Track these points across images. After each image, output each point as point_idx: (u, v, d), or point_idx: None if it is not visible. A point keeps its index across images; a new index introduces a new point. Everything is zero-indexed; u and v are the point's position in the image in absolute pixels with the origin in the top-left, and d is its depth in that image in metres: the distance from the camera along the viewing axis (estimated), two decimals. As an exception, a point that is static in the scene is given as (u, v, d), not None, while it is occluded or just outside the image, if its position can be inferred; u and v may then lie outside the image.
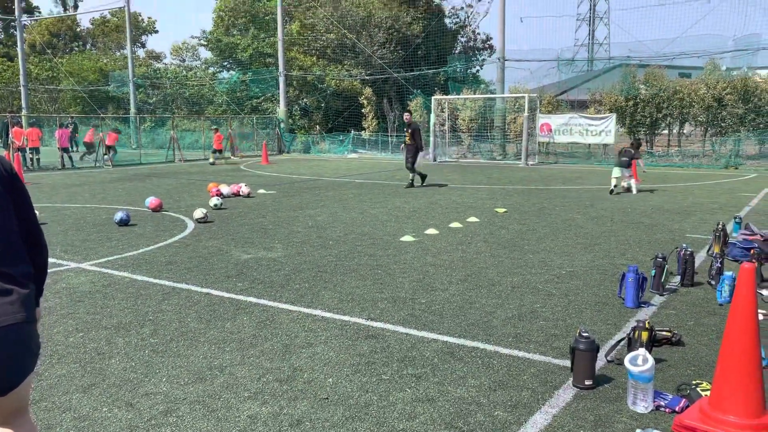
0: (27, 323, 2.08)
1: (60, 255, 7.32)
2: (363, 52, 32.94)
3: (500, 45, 26.19)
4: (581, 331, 3.78)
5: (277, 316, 5.05)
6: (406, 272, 6.49)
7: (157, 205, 10.88)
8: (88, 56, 45.99)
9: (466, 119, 27.16)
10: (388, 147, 29.34)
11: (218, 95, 36.91)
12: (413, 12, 34.23)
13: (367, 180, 16.97)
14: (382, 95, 32.72)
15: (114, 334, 4.65)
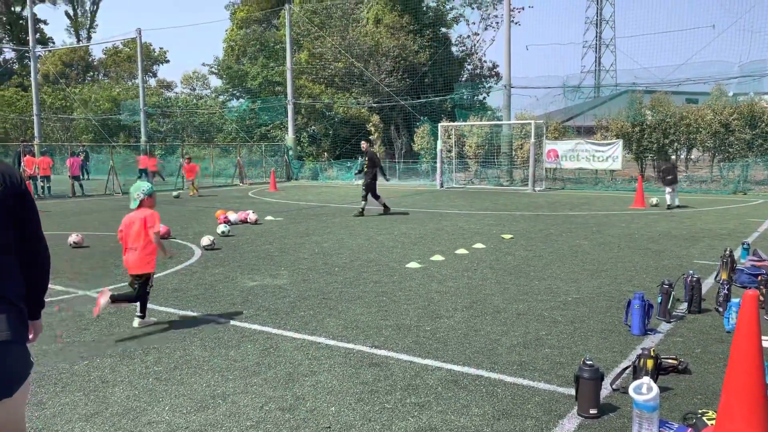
0: (13, 342, 2.08)
1: (67, 283, 7.36)
2: (370, 80, 33.31)
3: (506, 72, 26.42)
4: (585, 360, 3.75)
5: (281, 344, 5.04)
6: (411, 299, 6.49)
7: (165, 232, 10.94)
8: (101, 85, 46.74)
9: (473, 145, 27.28)
10: (396, 173, 29.47)
11: (228, 123, 37.34)
12: (420, 41, 34.66)
13: (373, 206, 17.03)
14: (390, 122, 32.97)
15: (119, 361, 4.66)
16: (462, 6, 40.55)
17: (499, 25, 39.52)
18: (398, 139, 32.53)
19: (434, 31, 36.41)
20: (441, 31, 37.78)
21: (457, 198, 19.64)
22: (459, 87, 33.43)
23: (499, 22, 39.55)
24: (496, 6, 39.77)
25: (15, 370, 2.10)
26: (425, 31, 35.38)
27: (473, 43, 41.34)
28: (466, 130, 27.57)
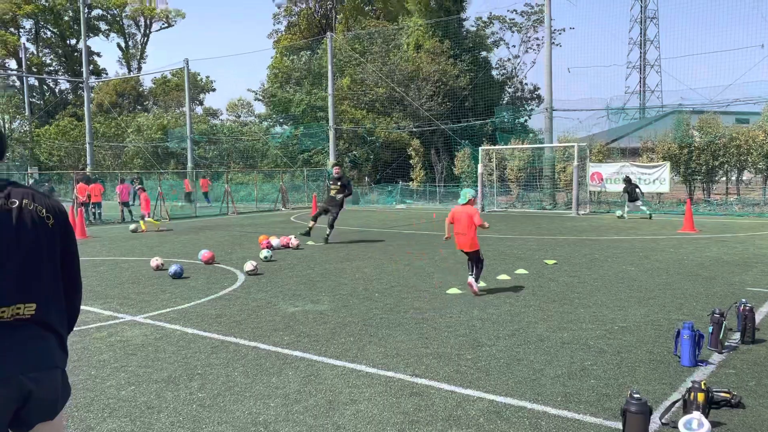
0: (56, 368, 2.21)
1: (116, 308, 7.57)
2: (411, 104, 33.58)
3: (548, 95, 26.26)
4: (633, 392, 3.64)
5: (322, 371, 5.06)
6: (452, 326, 6.43)
7: (210, 257, 11.17)
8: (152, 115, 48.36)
9: (515, 169, 27.10)
10: (436, 197, 29.46)
11: (271, 149, 38.07)
12: (460, 65, 34.84)
13: (414, 231, 17.02)
14: (430, 146, 33.07)
15: (164, 387, 4.75)
16: (502, 30, 40.69)
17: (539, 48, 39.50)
18: (438, 163, 32.57)
19: (474, 55, 36.58)
20: (481, 55, 37.90)
21: (499, 222, 19.47)
22: (500, 110, 33.39)
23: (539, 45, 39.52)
24: (536, 28, 39.77)
25: (58, 394, 2.22)
26: (465, 56, 35.57)
27: (514, 66, 41.34)
28: (508, 154, 27.42)
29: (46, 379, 2.17)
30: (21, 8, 52.82)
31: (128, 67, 60.89)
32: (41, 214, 2.22)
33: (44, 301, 2.19)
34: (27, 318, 2.14)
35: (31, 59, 52.66)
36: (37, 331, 2.17)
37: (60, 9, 54.94)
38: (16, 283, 2.12)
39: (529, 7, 39.00)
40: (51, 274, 2.24)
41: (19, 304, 2.12)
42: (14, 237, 2.13)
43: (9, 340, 2.09)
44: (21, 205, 2.17)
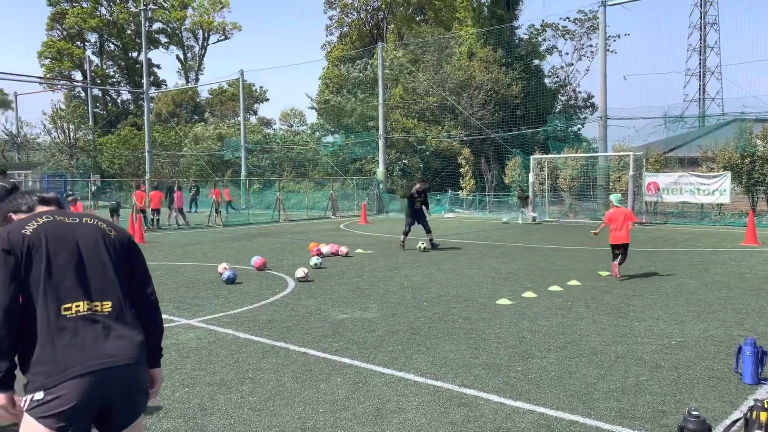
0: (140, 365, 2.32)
1: (172, 311, 7.79)
2: (462, 113, 33.45)
3: (602, 103, 25.71)
4: (691, 410, 3.51)
5: (370, 379, 5.07)
6: (502, 337, 6.35)
7: (262, 264, 11.37)
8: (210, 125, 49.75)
9: (567, 178, 26.59)
10: (486, 206, 29.19)
11: (322, 158, 38.56)
12: (512, 73, 34.51)
13: (463, 240, 16.89)
14: (480, 155, 32.84)
15: (216, 390, 4.85)
16: (555, 37, 40.13)
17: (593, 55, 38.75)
18: (489, 172, 32.29)
19: (526, 63, 36.17)
20: (533, 63, 37.46)
21: (550, 232, 19.12)
22: (552, 119, 32.88)
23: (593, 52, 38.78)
24: (590, 35, 39.05)
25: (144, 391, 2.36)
26: (517, 64, 35.22)
27: (567, 74, 40.66)
28: (560, 162, 26.95)
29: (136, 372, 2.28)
30: (86, 22, 55.32)
31: (186, 78, 62.90)
32: (101, 226, 2.46)
33: (118, 300, 2.33)
34: (106, 314, 2.28)
35: (95, 71, 55.05)
36: (118, 325, 2.29)
37: (123, 23, 57.28)
38: (87, 282, 2.29)
39: (582, 14, 38.33)
40: (120, 277, 2.40)
41: (96, 301, 2.28)
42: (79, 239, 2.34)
43: (94, 333, 2.22)
44: (81, 220, 2.43)
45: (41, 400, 2.10)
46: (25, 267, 2.22)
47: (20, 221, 2.34)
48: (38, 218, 2.34)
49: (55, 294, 2.22)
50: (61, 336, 2.17)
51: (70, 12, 55.42)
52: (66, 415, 2.10)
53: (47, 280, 2.22)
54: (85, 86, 52.46)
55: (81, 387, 2.11)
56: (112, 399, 2.21)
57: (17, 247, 2.22)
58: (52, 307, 2.20)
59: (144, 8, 39.74)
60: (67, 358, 2.14)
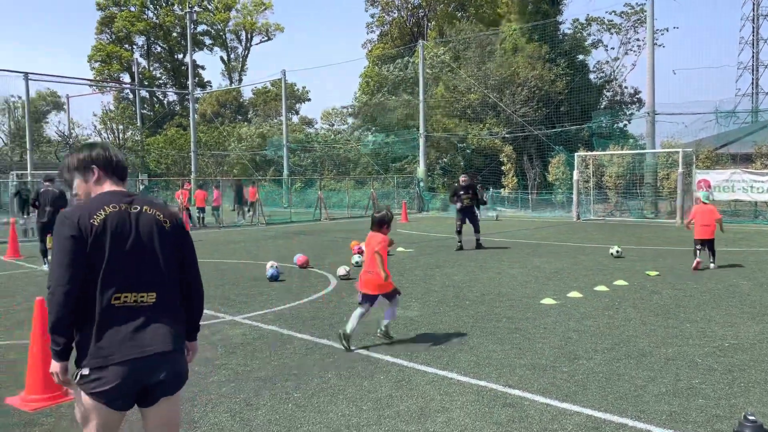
0: (180, 351, 2.61)
1: (217, 308, 7.94)
2: (504, 110, 33.08)
3: (649, 98, 25.05)
4: (747, 414, 3.39)
5: (413, 377, 5.06)
6: (547, 337, 6.25)
7: (304, 261, 11.48)
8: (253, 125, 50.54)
9: (613, 175, 26.01)
10: (528, 205, 28.81)
11: (363, 157, 38.69)
12: (556, 69, 33.95)
13: (505, 238, 16.71)
14: (523, 153, 32.42)
15: (261, 386, 4.92)
16: (600, 31, 39.29)
17: (640, 49, 37.79)
18: (531, 170, 31.86)
19: (570, 58, 35.53)
20: (578, 58, 36.77)
21: (596, 231, 18.74)
22: (597, 115, 32.21)
23: (640, 46, 37.83)
24: (637, 29, 38.10)
25: (182, 372, 2.62)
26: (561, 59, 34.62)
27: (613, 69, 39.79)
28: (606, 160, 26.38)
29: (174, 360, 2.55)
30: (134, 25, 56.83)
31: (230, 79, 63.97)
32: (159, 217, 2.62)
33: (163, 292, 2.56)
34: (149, 305, 2.51)
35: (142, 73, 56.56)
36: (158, 317, 2.52)
37: (169, 26, 58.62)
38: (139, 274, 2.50)
39: (629, 7, 37.38)
40: (169, 268, 2.60)
41: (143, 292, 2.49)
42: (137, 233, 2.52)
43: (134, 324, 2.45)
44: (142, 210, 2.58)
45: (87, 376, 2.41)
46: (89, 254, 2.42)
47: (89, 206, 2.51)
48: (106, 206, 2.50)
49: (110, 283, 2.43)
50: (108, 324, 2.42)
51: (118, 16, 56.99)
52: (108, 394, 2.41)
53: (105, 269, 2.43)
54: (133, 88, 53.94)
55: (120, 372, 2.40)
56: (150, 382, 2.49)
57: (85, 234, 2.42)
58: (105, 296, 2.42)
59: (189, 11, 40.61)
60: (110, 346, 2.40)
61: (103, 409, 2.44)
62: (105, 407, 2.44)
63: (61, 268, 2.39)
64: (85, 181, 2.65)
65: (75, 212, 2.47)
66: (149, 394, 2.53)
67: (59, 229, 2.44)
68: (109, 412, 2.46)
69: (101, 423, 2.47)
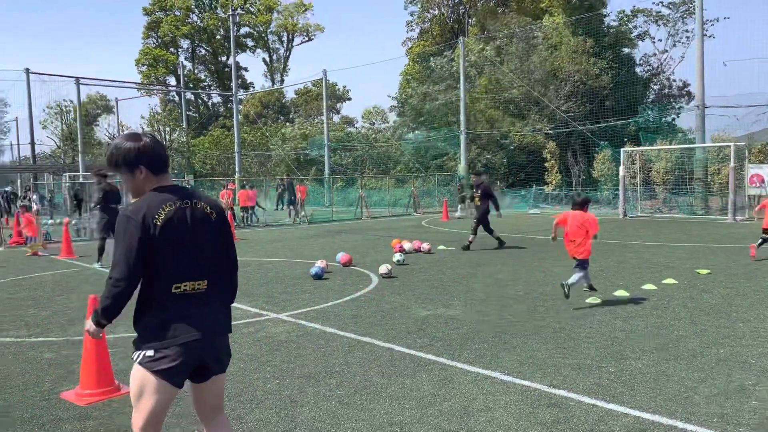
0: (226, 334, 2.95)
1: (262, 306, 8.07)
2: (548, 106, 32.56)
3: (699, 91, 24.28)
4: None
5: (456, 376, 5.05)
6: (592, 337, 6.14)
7: (347, 260, 11.55)
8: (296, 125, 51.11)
9: (661, 171, 25.34)
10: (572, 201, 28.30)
11: (404, 154, 38.68)
12: (601, 63, 33.24)
13: (549, 236, 16.46)
14: (567, 148, 31.86)
15: (305, 383, 4.99)
16: (646, 23, 38.30)
17: (689, 40, 36.69)
18: (576, 166, 31.29)
19: (616, 51, 34.73)
20: (623, 51, 35.92)
21: (643, 228, 18.29)
22: (644, 109, 31.40)
23: (689, 37, 36.72)
24: (685, 20, 36.98)
25: (228, 353, 2.96)
26: (606, 53, 33.88)
27: (660, 62, 38.75)
28: (653, 155, 25.73)
29: (222, 341, 2.89)
30: (179, 29, 58.15)
31: (272, 80, 64.85)
32: (207, 210, 2.86)
33: (213, 279, 2.85)
34: (202, 291, 2.80)
35: (188, 76, 57.80)
36: (210, 301, 2.83)
37: (212, 29, 59.77)
38: (194, 264, 2.77)
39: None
40: (217, 255, 2.89)
41: (198, 281, 2.78)
42: (191, 228, 2.77)
43: (192, 309, 2.75)
44: (193, 204, 2.83)
45: (152, 356, 2.68)
46: (150, 251, 2.67)
47: (150, 205, 2.71)
48: (164, 205, 2.73)
49: (170, 275, 2.71)
50: (169, 309, 2.71)
51: (164, 20, 58.41)
52: (171, 372, 2.69)
53: (166, 263, 2.70)
54: (178, 90, 55.20)
55: (182, 352, 2.69)
56: (206, 360, 2.80)
57: (148, 233, 2.66)
58: (166, 285, 2.71)
59: (232, 13, 41.34)
60: (172, 329, 2.69)
61: (164, 385, 2.71)
62: (167, 384, 2.71)
63: (125, 263, 2.64)
64: (132, 177, 2.81)
65: (138, 211, 2.68)
66: (204, 371, 2.83)
67: (124, 227, 2.67)
68: (169, 389, 2.73)
69: (160, 400, 2.72)
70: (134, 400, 2.78)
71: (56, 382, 5.14)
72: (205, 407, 2.95)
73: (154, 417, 2.76)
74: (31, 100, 33.64)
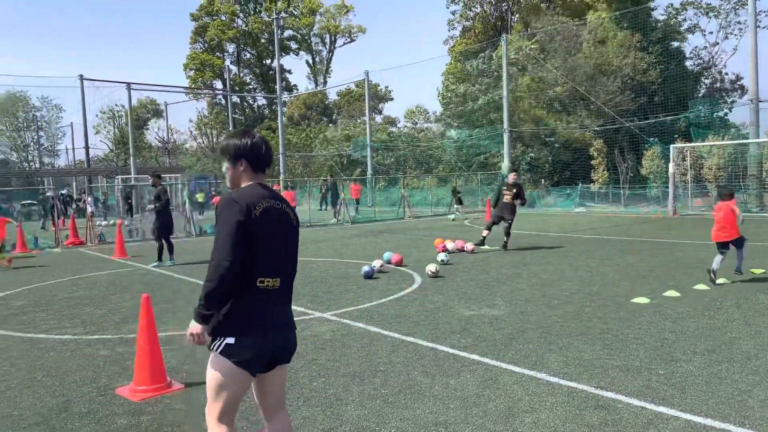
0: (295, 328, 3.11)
1: (307, 305, 8.18)
2: (594, 102, 31.93)
3: (753, 85, 23.41)
4: None
5: (500, 377, 5.01)
6: (641, 338, 6.00)
7: (398, 260, 11.56)
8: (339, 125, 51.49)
9: (713, 167, 24.55)
10: (620, 200, 27.69)
11: (446, 153, 38.53)
12: (649, 57, 32.39)
13: (596, 235, 16.15)
14: (614, 145, 31.17)
15: (350, 381, 5.04)
16: (696, 15, 37.14)
17: (742, 32, 35.40)
18: (623, 163, 30.59)
19: (665, 45, 33.79)
20: (672, 45, 34.91)
21: (694, 226, 17.76)
22: (694, 104, 30.49)
23: (742, 29, 35.45)
24: (737, 12, 35.72)
25: (295, 346, 3.11)
26: (654, 47, 32.99)
27: (711, 55, 37.52)
28: (705, 151, 24.94)
29: (292, 336, 3.05)
30: (225, 33, 59.35)
31: (315, 82, 65.52)
32: (290, 215, 3.05)
33: (284, 278, 2.98)
34: (277, 288, 2.92)
35: (233, 79, 58.90)
36: (282, 299, 2.98)
37: (257, 32, 60.76)
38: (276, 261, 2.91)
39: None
40: (291, 257, 3.04)
41: (276, 278, 2.92)
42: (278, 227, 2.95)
43: (271, 304, 2.90)
44: (281, 206, 3.00)
45: (233, 345, 2.80)
46: (248, 239, 2.78)
47: (251, 197, 2.86)
48: (262, 200, 2.88)
49: (258, 268, 2.83)
50: (253, 301, 2.83)
51: (210, 25, 59.70)
52: (250, 361, 2.83)
53: (257, 255, 2.82)
54: (225, 94, 56.34)
55: (261, 343, 2.85)
56: (277, 352, 2.95)
57: (249, 221, 2.79)
58: (253, 277, 2.83)
59: (276, 17, 41.91)
60: (255, 320, 2.83)
61: (242, 374, 2.84)
62: (246, 372, 2.84)
63: (228, 245, 2.73)
64: (233, 168, 2.97)
65: (242, 199, 2.83)
66: (274, 362, 2.98)
67: (229, 211, 2.78)
68: (247, 378, 2.87)
69: (238, 388, 2.86)
70: (211, 390, 2.89)
71: (112, 378, 5.33)
72: (269, 399, 3.06)
73: (231, 406, 2.90)
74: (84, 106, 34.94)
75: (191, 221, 20.26)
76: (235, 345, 2.80)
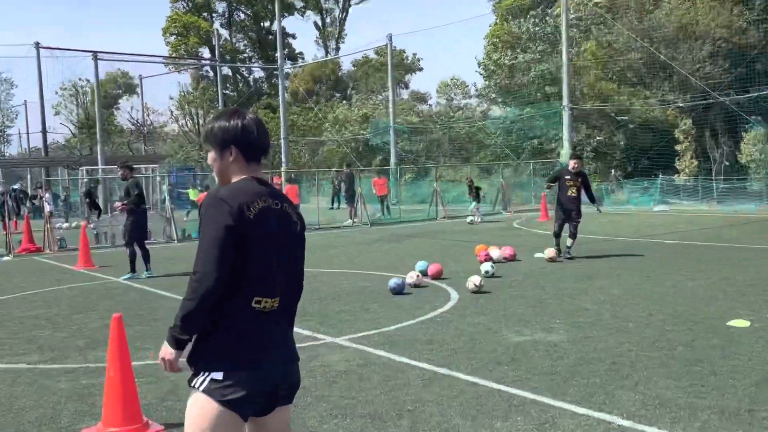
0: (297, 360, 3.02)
1: (316, 327, 8.23)
2: (678, 72, 31.55)
3: None
4: None
5: (560, 420, 5.00)
6: (740, 371, 5.94)
7: (437, 272, 11.48)
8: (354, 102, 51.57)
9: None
10: (713, 194, 27.36)
11: (490, 137, 38.42)
12: (749, 14, 31.90)
13: (681, 240, 15.99)
14: (704, 127, 30.81)
15: (369, 424, 5.06)
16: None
17: None
18: (717, 149, 30.20)
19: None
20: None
21: (809, 229, 17.48)
22: (811, 73, 29.96)
23: None
24: None
25: (299, 381, 3.04)
26: (756, 1, 32.47)
27: (831, 10, 36.81)
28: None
29: (295, 369, 2.98)
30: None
31: (325, 49, 65.81)
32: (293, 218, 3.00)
33: (284, 297, 2.92)
34: (275, 310, 2.87)
35: (224, 46, 59.43)
36: (282, 322, 2.94)
37: (253, -12, 61.27)
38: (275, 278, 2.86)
39: None
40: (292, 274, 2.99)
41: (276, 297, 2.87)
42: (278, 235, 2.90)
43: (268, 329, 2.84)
44: (282, 208, 2.94)
45: (221, 381, 2.71)
46: (241, 249, 2.73)
47: (245, 194, 2.81)
48: (258, 199, 2.83)
49: (253, 285, 2.78)
50: (247, 325, 2.78)
51: (198, -21, 60.34)
52: (242, 401, 2.73)
53: (250, 269, 2.76)
54: (213, 64, 56.84)
55: (257, 378, 2.76)
56: (275, 390, 2.85)
57: (241, 225, 2.72)
58: (246, 296, 2.77)
59: (276, -32, 42.21)
60: (247, 350, 2.76)
61: (231, 417, 2.74)
62: (235, 415, 2.75)
63: (214, 255, 2.67)
64: (221, 158, 2.95)
65: (232, 198, 2.77)
66: (273, 403, 2.89)
67: (215, 213, 2.72)
68: (237, 422, 2.77)
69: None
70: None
71: (75, 418, 5.42)
72: None
73: None
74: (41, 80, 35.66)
75: (171, 222, 20.51)
76: (222, 381, 2.72)
